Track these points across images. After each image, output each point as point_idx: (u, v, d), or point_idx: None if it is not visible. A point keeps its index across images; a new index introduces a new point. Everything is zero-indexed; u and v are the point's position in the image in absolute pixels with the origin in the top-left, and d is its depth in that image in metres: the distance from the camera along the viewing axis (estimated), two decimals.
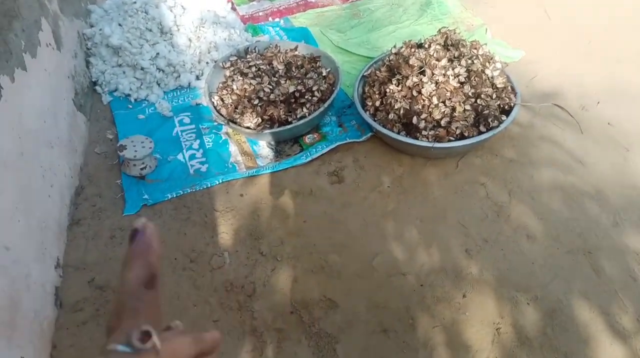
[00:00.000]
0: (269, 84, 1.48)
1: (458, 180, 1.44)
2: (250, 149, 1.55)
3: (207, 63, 1.76)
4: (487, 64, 1.40)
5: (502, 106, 1.40)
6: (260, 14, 2.19)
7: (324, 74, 1.62)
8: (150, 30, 1.71)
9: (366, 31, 2.02)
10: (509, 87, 1.44)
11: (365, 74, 1.57)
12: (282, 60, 1.53)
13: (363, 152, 1.53)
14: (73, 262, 1.22)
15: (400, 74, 1.42)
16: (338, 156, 1.52)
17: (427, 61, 1.39)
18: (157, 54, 1.69)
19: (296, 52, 1.69)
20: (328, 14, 2.15)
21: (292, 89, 1.49)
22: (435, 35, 1.52)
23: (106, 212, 1.35)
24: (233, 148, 1.54)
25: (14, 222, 1.02)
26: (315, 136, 1.58)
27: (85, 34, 1.77)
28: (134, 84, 1.70)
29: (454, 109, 1.35)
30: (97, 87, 1.73)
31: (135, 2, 1.72)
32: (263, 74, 1.51)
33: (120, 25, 1.72)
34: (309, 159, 1.49)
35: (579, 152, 1.50)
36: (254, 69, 1.53)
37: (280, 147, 1.56)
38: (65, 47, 1.55)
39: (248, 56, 1.64)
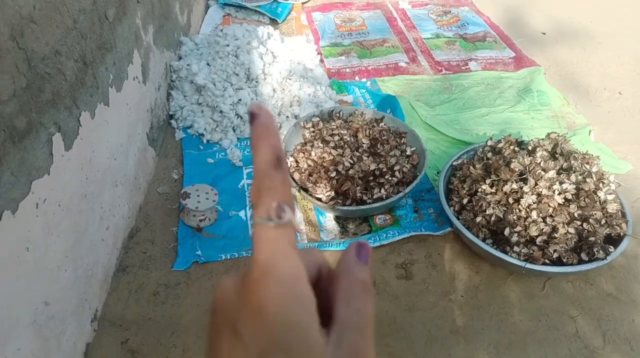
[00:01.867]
0: (351, 158, 1.37)
1: (544, 305, 1.25)
2: (315, 219, 1.43)
3: (287, 117, 1.68)
4: (601, 184, 1.23)
5: (609, 234, 1.22)
6: (347, 70, 2.12)
7: (408, 152, 1.50)
8: (237, 75, 1.66)
9: (456, 109, 1.89)
10: (620, 213, 1.26)
11: (454, 163, 1.43)
12: (367, 135, 1.43)
13: (437, 247, 1.38)
14: (111, 316, 1.12)
15: (498, 176, 1.27)
16: (409, 247, 1.38)
17: (531, 169, 1.24)
18: (239, 99, 1.63)
19: (382, 124, 1.58)
20: (418, 84, 2.05)
21: (373, 166, 1.37)
22: (542, 139, 1.37)
23: (155, 262, 1.26)
24: (298, 214, 1.43)
25: (61, 272, 0.94)
26: (388, 218, 1.45)
27: (173, 66, 1.74)
28: (210, 124, 1.65)
29: (554, 229, 1.18)
30: (173, 121, 1.69)
31: (228, 45, 1.68)
32: (346, 145, 1.41)
33: (208, 65, 1.68)
34: (377, 243, 1.36)
35: None
36: (336, 137, 1.43)
37: (348, 223, 1.43)
38: (150, 80, 1.51)
39: (332, 121, 1.54)
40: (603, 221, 1.21)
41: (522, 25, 2.52)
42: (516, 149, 1.40)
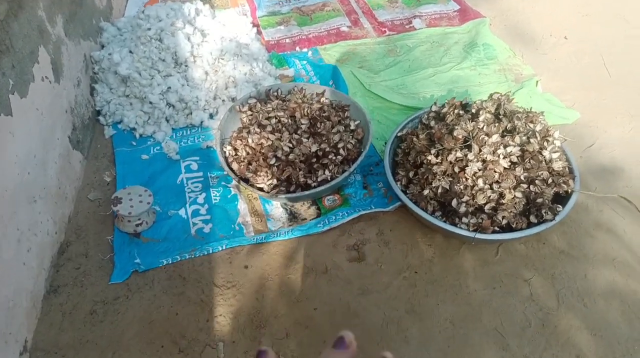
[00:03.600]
0: (290, 141, 1.29)
1: (498, 271, 1.24)
2: (261, 207, 1.37)
3: (222, 101, 1.58)
4: (545, 143, 1.19)
5: (558, 192, 1.19)
6: (287, 40, 2.01)
7: (352, 127, 1.43)
8: (164, 61, 1.54)
9: (402, 73, 1.82)
10: (567, 169, 1.23)
11: (398, 134, 1.37)
12: (306, 114, 1.35)
13: (389, 223, 1.34)
14: (44, 344, 1.05)
15: (442, 146, 1.22)
16: (360, 226, 1.33)
17: (474, 134, 1.19)
18: (169, 87, 1.52)
19: (323, 99, 1.50)
20: (361, 48, 1.95)
21: (314, 148, 1.30)
22: (485, 100, 1.32)
23: (90, 277, 1.18)
24: (242, 205, 1.37)
25: None
26: (336, 199, 1.39)
27: (93, 56, 1.60)
28: (140, 117, 1.54)
29: (501, 195, 1.15)
30: (101, 118, 1.57)
31: (149, 29, 1.55)
32: (284, 128, 1.33)
33: (131, 52, 1.55)
34: (327, 227, 1.31)
35: None
36: (273, 120, 1.35)
37: (296, 208, 1.37)
38: (66, 77, 1.38)
39: (269, 101, 1.45)
40: (550, 180, 1.18)
41: None
42: (461, 112, 1.35)
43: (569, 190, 1.20)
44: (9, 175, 1.02)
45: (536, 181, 1.16)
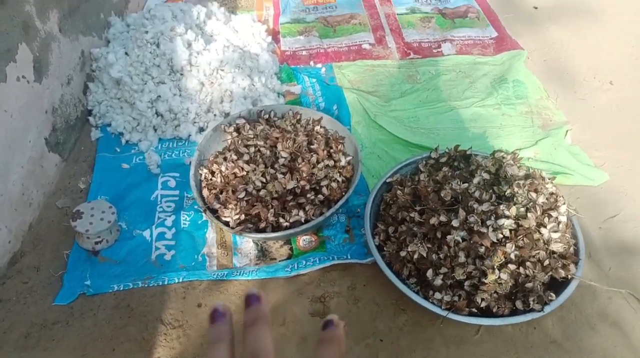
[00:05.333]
0: (263, 175, 1.19)
1: (475, 354, 1.09)
2: (231, 239, 1.28)
3: (215, 115, 1.50)
4: (547, 219, 1.03)
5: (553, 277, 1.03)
6: (304, 52, 1.90)
7: (342, 163, 1.31)
8: (158, 67, 1.47)
9: (417, 103, 1.67)
10: (572, 249, 1.07)
11: (388, 180, 1.24)
12: (288, 146, 1.24)
13: (364, 278, 1.21)
14: None
15: (426, 205, 1.08)
16: (332, 276, 1.22)
17: (463, 198, 1.05)
18: (159, 96, 1.44)
19: (318, 127, 1.38)
20: (379, 70, 1.82)
21: (291, 185, 1.19)
22: (488, 156, 1.16)
23: (35, 295, 1.12)
24: (211, 234, 1.28)
25: None
26: (313, 240, 1.28)
27: (92, 53, 1.55)
28: (129, 123, 1.47)
29: (484, 274, 1.00)
30: (91, 118, 1.52)
31: (147, 32, 1.47)
32: (261, 159, 1.22)
33: (127, 54, 1.48)
34: (295, 273, 1.20)
35: None
36: (252, 149, 1.25)
37: (267, 245, 1.27)
38: (52, 75, 1.33)
39: (258, 124, 1.35)
40: (546, 263, 1.02)
41: None
42: (461, 165, 1.20)
43: (568, 276, 1.03)
44: None
45: (528, 262, 1.01)
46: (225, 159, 1.25)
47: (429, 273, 1.03)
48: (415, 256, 1.05)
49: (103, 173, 1.40)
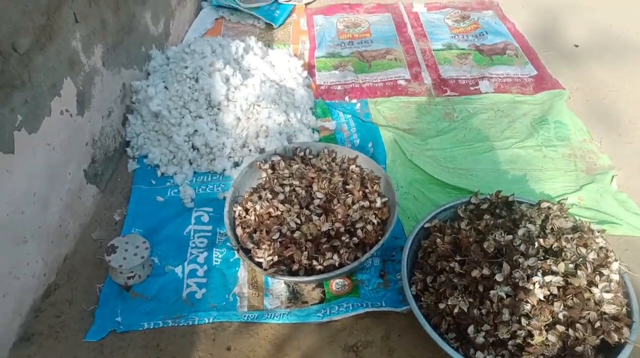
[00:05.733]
0: (298, 216, 1.17)
1: None
2: (262, 279, 1.25)
3: (250, 150, 1.49)
4: (598, 278, 0.98)
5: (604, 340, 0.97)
6: (339, 87, 1.89)
7: (377, 204, 1.28)
8: (196, 101, 1.48)
9: (455, 142, 1.63)
10: (624, 311, 1.00)
11: (426, 226, 1.20)
12: (323, 187, 1.22)
13: (399, 327, 1.16)
14: None
15: (468, 256, 1.04)
16: (366, 323, 1.17)
17: (508, 251, 1.00)
18: (196, 130, 1.45)
19: (353, 166, 1.36)
20: (415, 107, 1.79)
21: (325, 227, 1.17)
22: (533, 206, 1.12)
23: (67, 329, 1.11)
24: (243, 273, 1.26)
25: None
26: (346, 284, 1.24)
27: (133, 86, 1.58)
28: (165, 155, 1.48)
29: (530, 334, 0.94)
30: (129, 149, 1.53)
31: (186, 67, 1.49)
32: (296, 199, 1.21)
33: (166, 88, 1.50)
34: (327, 318, 1.16)
35: None
36: (287, 188, 1.23)
37: (299, 287, 1.24)
38: (94, 108, 1.36)
39: (293, 162, 1.34)
40: (597, 325, 0.96)
41: (552, 34, 2.19)
42: (503, 213, 1.16)
43: (622, 340, 0.97)
44: None
45: (578, 324, 0.95)
46: (260, 197, 1.23)
47: (470, 329, 0.98)
48: (456, 310, 1.00)
49: (138, 205, 1.40)
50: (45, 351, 1.08)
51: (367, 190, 1.31)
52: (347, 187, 1.28)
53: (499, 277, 0.98)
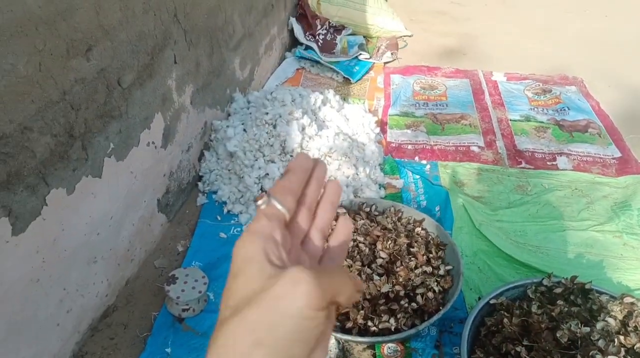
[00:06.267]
0: (359, 274, 1.15)
1: None
2: None
3: None
4: None
5: None
6: (409, 147, 1.89)
7: (441, 272, 1.23)
8: (271, 146, 1.53)
9: (526, 217, 1.57)
10: None
11: (492, 302, 1.14)
12: (388, 247, 1.19)
13: None
14: None
15: (537, 342, 0.96)
16: None
17: (584, 344, 0.92)
18: (267, 174, 1.49)
19: (419, 228, 1.33)
20: (487, 175, 1.75)
21: (385, 288, 1.13)
22: (615, 299, 1.03)
23: (118, 353, 1.14)
24: None
25: None
26: (399, 350, 1.19)
27: (213, 125, 1.66)
28: (234, 194, 1.53)
29: None
30: (200, 184, 1.60)
31: (267, 114, 1.56)
32: (358, 256, 1.19)
33: (245, 131, 1.57)
34: None
35: None
36: (351, 244, 1.22)
37: (350, 345, 1.20)
38: (176, 143, 1.44)
39: (358, 216, 1.33)
40: None
41: (639, 117, 2.09)
42: (578, 301, 1.08)
43: None
44: (75, 235, 1.04)
45: None
46: None
47: None
48: None
49: (201, 239, 1.44)
50: None
51: (431, 256, 1.27)
52: (412, 250, 1.25)
53: None
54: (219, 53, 1.66)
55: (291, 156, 1.53)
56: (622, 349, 0.91)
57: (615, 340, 0.93)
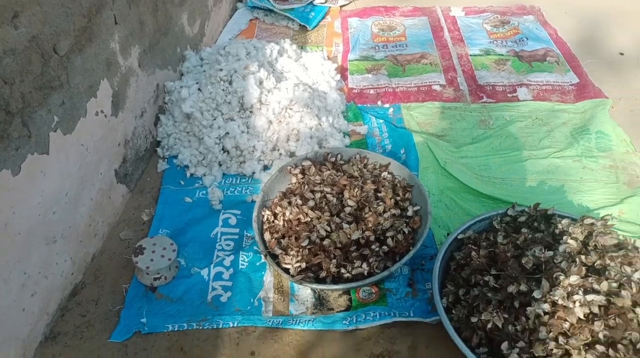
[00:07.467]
0: (329, 224, 1.15)
1: None
2: (288, 284, 1.23)
3: (280, 154, 1.48)
4: None
5: None
6: (372, 91, 1.86)
7: (409, 213, 1.25)
8: (229, 104, 1.48)
9: (489, 151, 1.58)
10: None
11: (459, 237, 1.16)
12: (354, 195, 1.19)
13: (427, 338, 1.13)
14: None
15: (504, 270, 0.99)
16: (392, 333, 1.14)
17: (548, 267, 0.95)
18: (227, 133, 1.45)
19: (385, 173, 1.33)
20: (449, 113, 1.75)
21: (356, 235, 1.14)
22: (575, 221, 1.06)
23: (92, 329, 1.12)
24: (269, 278, 1.24)
25: None
26: (374, 292, 1.21)
27: (166, 86, 1.59)
28: (195, 157, 1.49)
29: (567, 354, 0.89)
30: (159, 150, 1.55)
31: (221, 70, 1.49)
32: (327, 206, 1.19)
33: (200, 90, 1.51)
34: (353, 327, 1.13)
35: None
36: (318, 195, 1.21)
37: (326, 293, 1.22)
38: (127, 109, 1.37)
39: (324, 167, 1.32)
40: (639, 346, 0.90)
41: (596, 42, 2.10)
42: (541, 227, 1.11)
43: None
44: (27, 217, 1.00)
45: (619, 345, 0.89)
46: (290, 203, 1.22)
47: (504, 346, 0.94)
48: (489, 325, 0.96)
49: (166, 206, 1.41)
50: (70, 351, 1.09)
51: (398, 198, 1.28)
52: (379, 194, 1.25)
53: (537, 294, 0.93)
54: (163, 9, 1.56)
55: (250, 112, 1.49)
56: (584, 268, 0.94)
57: (577, 260, 0.97)
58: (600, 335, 0.90)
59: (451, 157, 1.54)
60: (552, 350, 0.91)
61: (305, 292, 1.22)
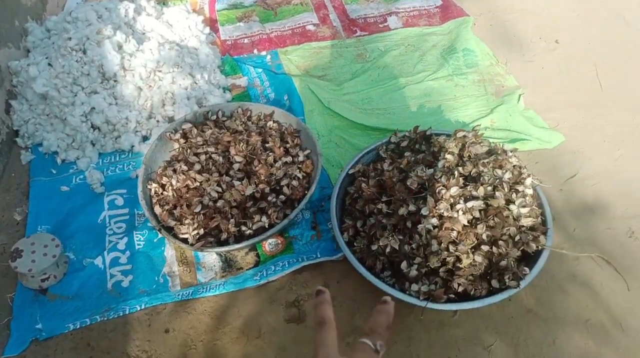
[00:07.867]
0: (219, 184, 1.11)
1: (455, 336, 1.08)
2: (192, 254, 1.20)
3: (158, 121, 1.39)
4: (514, 195, 1.01)
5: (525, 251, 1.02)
6: (246, 40, 1.79)
7: (300, 158, 1.25)
8: (88, 75, 1.34)
9: (370, 83, 1.61)
10: (540, 220, 1.06)
11: (350, 172, 1.19)
12: (241, 150, 1.16)
13: (337, 275, 1.17)
14: None
15: (393, 195, 1.04)
16: (304, 277, 1.17)
17: (430, 185, 1.01)
18: (93, 108, 1.32)
19: (270, 122, 1.31)
20: (326, 52, 1.74)
21: (249, 191, 1.12)
22: (449, 138, 1.13)
23: None
24: (170, 252, 1.19)
25: None
26: (279, 242, 1.22)
27: (10, 67, 1.40)
28: (63, 140, 1.35)
29: (458, 259, 0.97)
30: (19, 139, 1.38)
31: (70, 39, 1.33)
32: (214, 167, 1.14)
33: (50, 65, 1.34)
34: (264, 280, 1.14)
35: (620, 310, 1.12)
36: (203, 157, 1.16)
37: (232, 254, 1.20)
38: None
39: (206, 127, 1.26)
40: (517, 238, 1.01)
41: None
42: (422, 148, 1.17)
43: (539, 247, 1.02)
44: None
45: (500, 241, 0.99)
46: (174, 170, 1.16)
47: (404, 265, 1.00)
48: (388, 249, 1.01)
49: (40, 200, 1.27)
50: None
51: (288, 146, 1.27)
52: (267, 145, 1.23)
53: (424, 211, 0.99)
54: None
55: (115, 81, 1.36)
56: (461, 179, 1.01)
57: (455, 172, 1.03)
58: (484, 236, 0.99)
59: (334, 95, 1.54)
60: (445, 258, 0.98)
61: (210, 257, 1.20)
